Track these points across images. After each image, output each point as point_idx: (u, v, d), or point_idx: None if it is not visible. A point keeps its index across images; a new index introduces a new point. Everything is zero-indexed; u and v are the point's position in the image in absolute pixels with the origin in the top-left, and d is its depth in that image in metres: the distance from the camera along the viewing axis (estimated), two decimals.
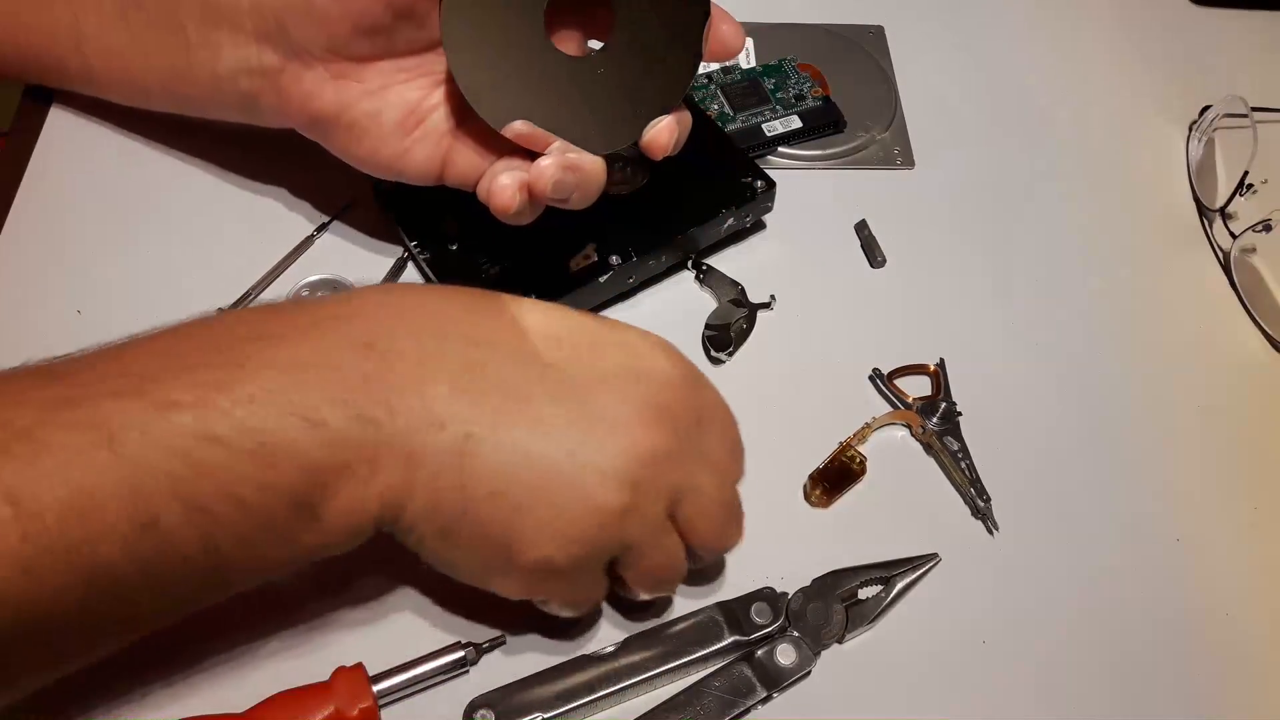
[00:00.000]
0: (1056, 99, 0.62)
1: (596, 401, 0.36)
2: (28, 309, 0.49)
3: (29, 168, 0.53)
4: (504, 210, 0.43)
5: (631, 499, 0.36)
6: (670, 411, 0.37)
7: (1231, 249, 0.55)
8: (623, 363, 0.37)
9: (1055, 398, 0.50)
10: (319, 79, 0.44)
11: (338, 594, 0.41)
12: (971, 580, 0.44)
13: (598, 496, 0.35)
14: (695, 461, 0.38)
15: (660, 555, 0.38)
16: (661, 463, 0.36)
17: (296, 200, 0.53)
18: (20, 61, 0.52)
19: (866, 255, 0.54)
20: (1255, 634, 0.44)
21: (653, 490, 0.36)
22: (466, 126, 0.45)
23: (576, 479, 0.35)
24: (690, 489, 0.38)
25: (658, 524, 0.37)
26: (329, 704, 0.38)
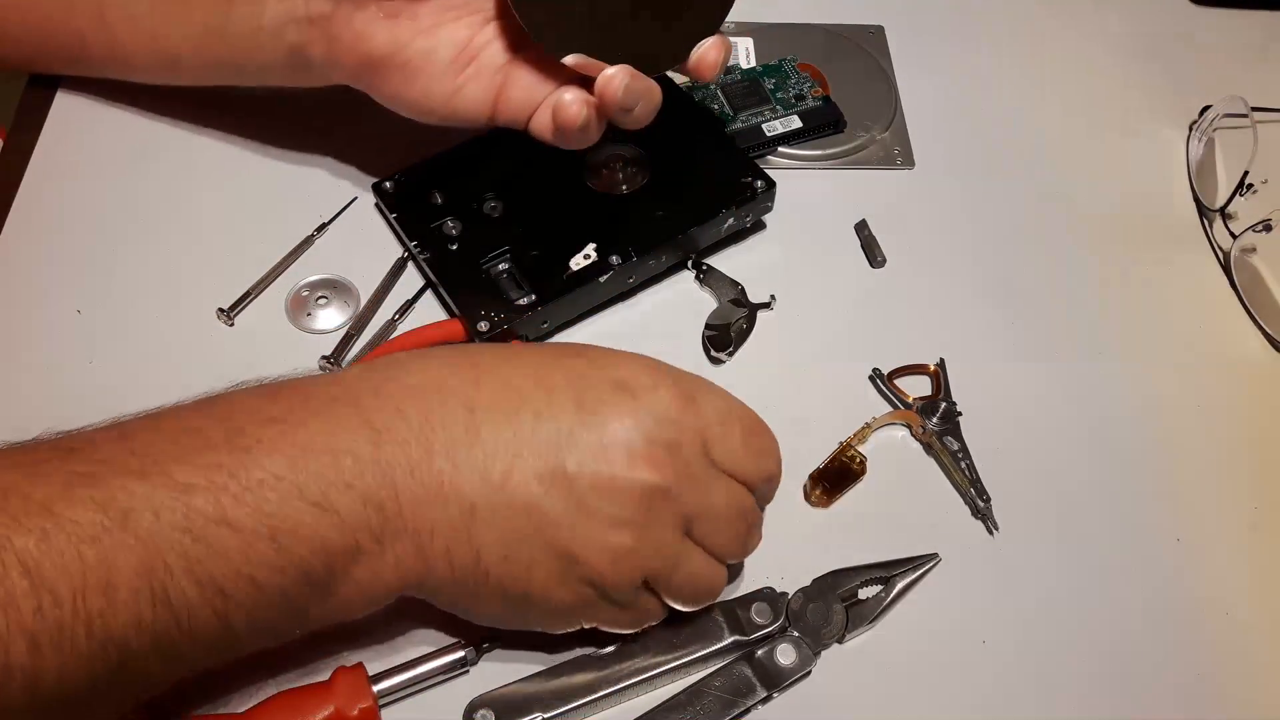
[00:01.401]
0: (1056, 99, 0.62)
1: (594, 444, 0.36)
2: (28, 309, 0.49)
3: (29, 168, 0.53)
4: (570, 123, 0.44)
5: (638, 538, 0.36)
6: (671, 444, 0.37)
7: (1231, 249, 0.55)
8: (616, 404, 0.37)
9: (1055, 398, 0.50)
10: (371, 19, 0.44)
11: None
12: (971, 580, 0.44)
13: (609, 539, 0.36)
14: (706, 483, 0.38)
15: (685, 575, 0.38)
16: (665, 499, 0.37)
17: (296, 200, 0.53)
18: (35, 40, 0.52)
19: (866, 255, 0.54)
20: (1255, 634, 0.44)
21: (659, 525, 0.37)
22: (519, 62, 0.45)
23: (583, 530, 0.36)
24: (702, 512, 0.38)
25: (673, 551, 0.38)
26: (329, 704, 0.38)
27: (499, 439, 0.36)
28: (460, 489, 0.35)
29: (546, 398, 0.37)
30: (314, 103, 0.51)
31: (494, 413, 0.36)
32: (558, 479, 0.36)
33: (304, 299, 0.50)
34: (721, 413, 0.39)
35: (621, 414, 0.37)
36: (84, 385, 0.47)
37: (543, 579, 0.37)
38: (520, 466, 0.36)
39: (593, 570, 0.36)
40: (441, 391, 0.37)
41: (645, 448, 0.36)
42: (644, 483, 0.36)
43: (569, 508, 0.36)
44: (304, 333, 0.49)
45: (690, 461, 0.37)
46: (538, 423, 0.36)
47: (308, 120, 0.54)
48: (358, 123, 0.50)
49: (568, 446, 0.36)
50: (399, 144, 0.51)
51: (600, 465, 0.36)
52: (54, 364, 0.47)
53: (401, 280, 0.51)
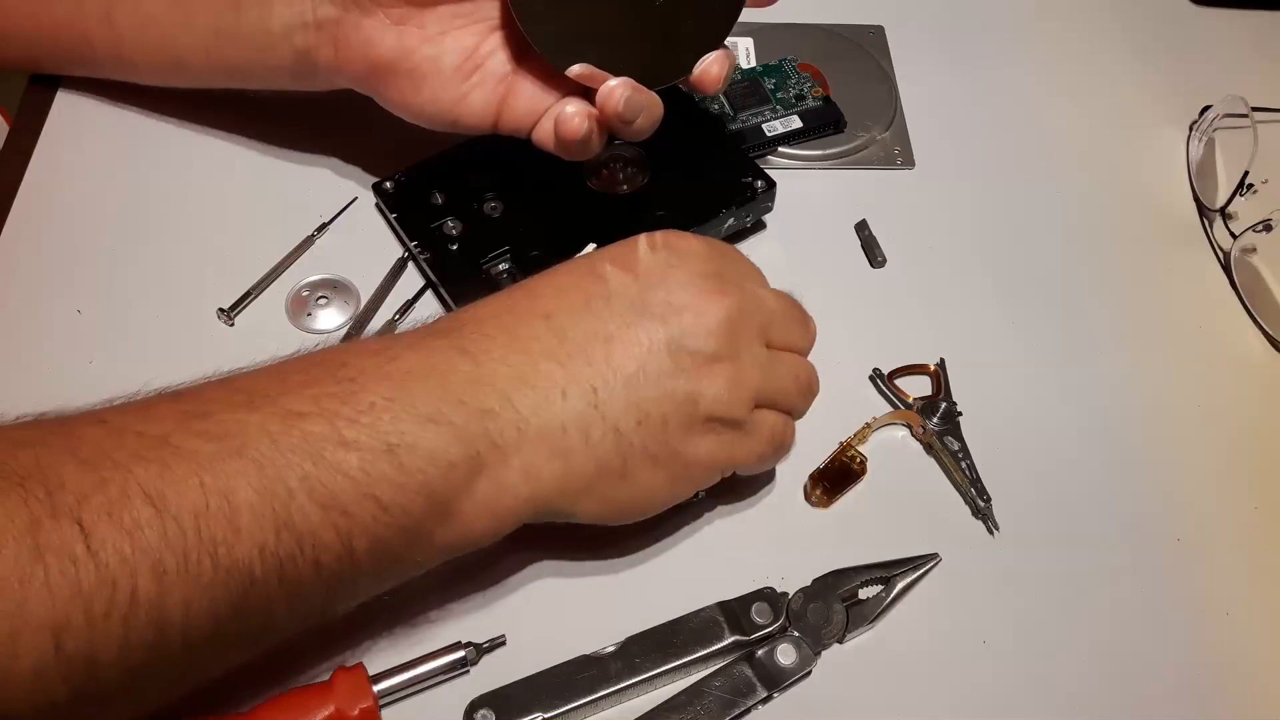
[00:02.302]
0: (1056, 99, 0.62)
1: (662, 301, 0.39)
2: (28, 309, 0.49)
3: (29, 168, 0.53)
4: (572, 135, 0.44)
5: (737, 361, 0.40)
6: (720, 273, 0.40)
7: (1231, 249, 0.55)
8: (664, 263, 0.40)
9: (1055, 398, 0.50)
10: (379, 26, 0.45)
11: None
12: (971, 580, 0.44)
13: (716, 372, 0.39)
14: (758, 293, 0.41)
15: (785, 379, 0.42)
16: (741, 316, 0.40)
17: (297, 200, 0.53)
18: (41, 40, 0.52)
19: (866, 255, 0.54)
20: (1255, 634, 0.44)
21: (747, 341, 0.40)
22: (523, 71, 0.45)
23: (690, 373, 0.39)
24: (768, 318, 0.41)
25: (767, 360, 0.41)
26: (329, 704, 0.38)
27: (582, 328, 0.38)
28: (574, 378, 0.37)
29: (602, 284, 0.39)
30: (315, 103, 0.51)
31: (567, 313, 0.39)
32: (651, 338, 0.38)
33: (304, 299, 0.50)
34: (745, 262, 0.43)
35: (672, 267, 0.40)
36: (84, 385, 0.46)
37: (679, 431, 0.39)
38: (617, 338, 0.38)
39: (716, 403, 0.39)
40: (512, 313, 0.39)
41: (705, 282, 0.40)
42: (720, 309, 0.39)
43: (672, 358, 0.38)
44: (304, 333, 0.49)
45: (736, 282, 0.41)
46: (609, 304, 0.39)
47: (308, 120, 0.54)
48: (358, 123, 0.50)
49: (645, 310, 0.39)
50: (399, 144, 0.50)
51: (682, 313, 0.39)
52: (54, 364, 0.47)
53: (402, 280, 0.51)
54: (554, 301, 0.39)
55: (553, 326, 0.38)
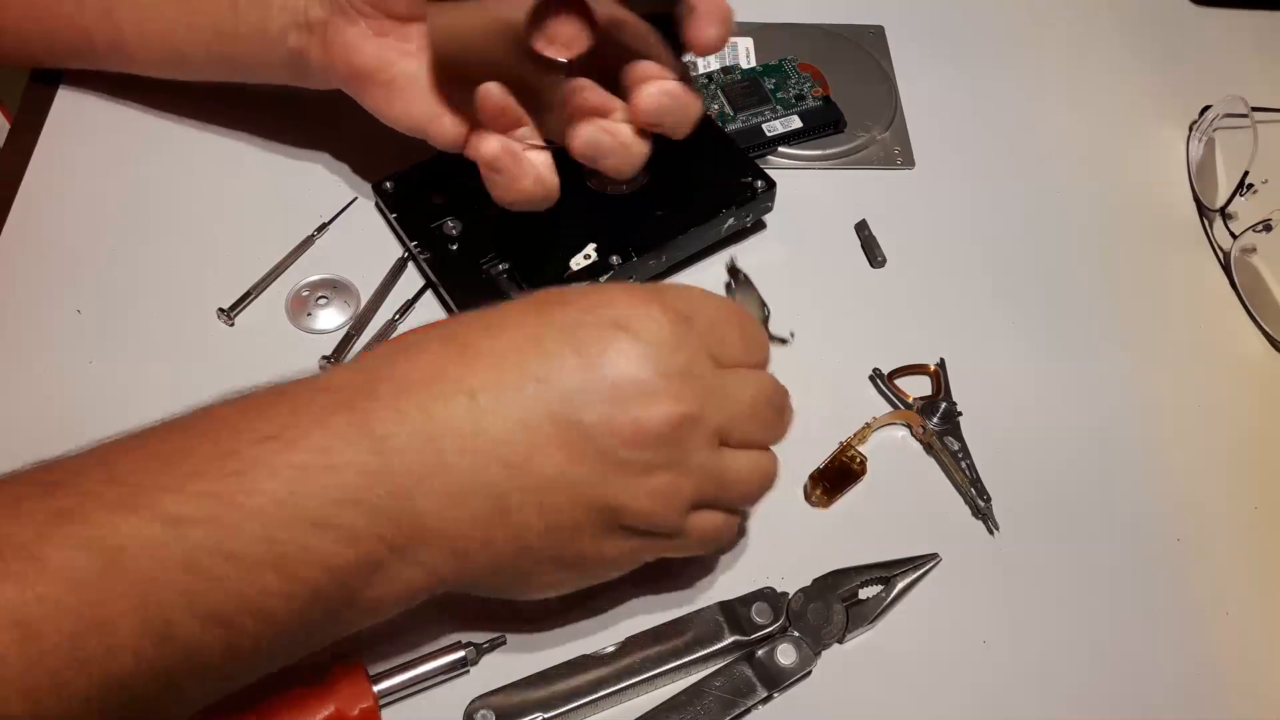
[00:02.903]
0: (1056, 99, 0.62)
1: (602, 394, 0.35)
2: (28, 309, 0.49)
3: (30, 167, 0.53)
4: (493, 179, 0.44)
5: (676, 473, 0.36)
6: (681, 369, 0.36)
7: (1231, 249, 0.55)
8: (616, 345, 0.36)
9: (1055, 397, 0.50)
10: (361, 34, 0.45)
11: None
12: (971, 580, 0.44)
13: (647, 484, 0.36)
14: (723, 390, 0.37)
15: (735, 483, 0.39)
16: (692, 425, 0.36)
17: (296, 200, 0.53)
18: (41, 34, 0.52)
19: (866, 255, 0.54)
20: (1255, 634, 0.44)
21: (693, 451, 0.36)
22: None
23: (618, 482, 0.36)
24: (730, 418, 0.38)
25: (715, 468, 0.37)
26: (329, 704, 0.38)
27: (508, 420, 0.34)
28: (482, 482, 0.34)
29: (544, 361, 0.35)
30: (315, 102, 0.51)
31: (496, 393, 0.35)
32: (579, 441, 0.35)
33: (304, 299, 0.50)
34: (714, 317, 0.39)
35: (624, 354, 0.35)
36: (84, 385, 0.47)
37: (592, 539, 0.36)
38: (538, 441, 0.35)
39: (639, 516, 0.36)
40: (438, 382, 0.35)
41: (657, 381, 0.35)
42: (666, 417, 0.35)
43: (598, 465, 0.35)
44: (304, 333, 0.49)
45: (703, 376, 0.37)
46: (542, 389, 0.35)
47: (308, 120, 0.54)
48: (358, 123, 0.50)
49: (580, 404, 0.35)
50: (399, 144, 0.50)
51: (617, 413, 0.35)
52: (54, 364, 0.47)
53: (402, 280, 0.51)
54: (486, 374, 0.35)
55: (475, 410, 0.34)
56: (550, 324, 0.36)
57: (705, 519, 0.39)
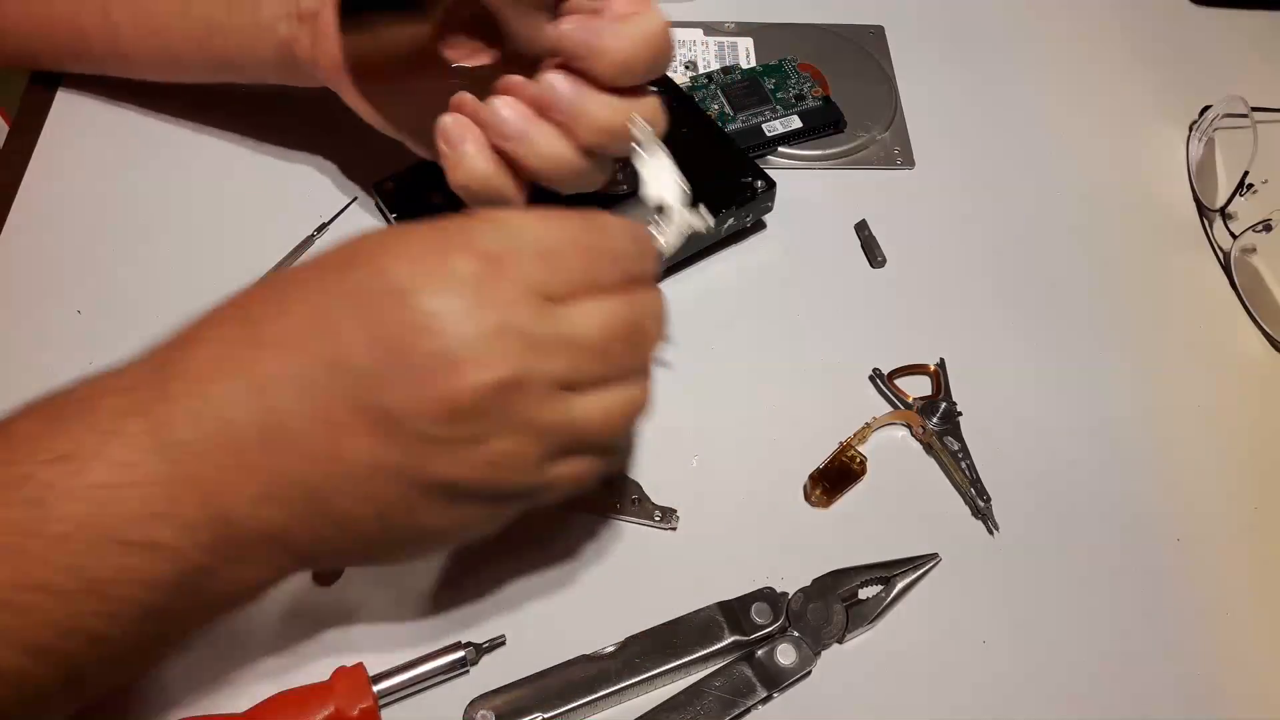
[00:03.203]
0: (1056, 99, 0.62)
1: (406, 379, 0.32)
2: (28, 309, 0.49)
3: (29, 168, 0.53)
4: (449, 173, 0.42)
5: (510, 438, 0.33)
6: (496, 326, 0.32)
7: (1231, 249, 0.55)
8: (411, 315, 0.32)
9: (1055, 397, 0.50)
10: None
11: (338, 594, 0.41)
12: (971, 580, 0.44)
13: (478, 456, 0.33)
14: (557, 333, 0.33)
15: (590, 427, 0.34)
16: (516, 386, 0.32)
17: (297, 200, 0.53)
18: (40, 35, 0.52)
19: (866, 255, 0.54)
20: (1255, 634, 0.44)
21: (527, 410, 0.32)
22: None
23: (445, 459, 0.32)
24: (571, 362, 0.33)
25: (563, 418, 0.33)
26: (329, 704, 0.38)
27: (304, 414, 0.31)
28: (293, 480, 0.32)
29: (333, 342, 0.32)
30: (314, 103, 0.51)
31: (287, 385, 0.31)
32: (387, 425, 0.31)
33: None
34: (542, 244, 0.33)
35: (415, 325, 0.31)
36: None
37: (436, 513, 0.33)
38: (342, 432, 0.31)
39: (480, 486, 0.33)
40: (228, 377, 0.32)
41: (459, 349, 0.31)
42: (475, 389, 0.31)
43: (416, 446, 0.32)
44: None
45: (523, 326, 0.32)
46: (335, 376, 0.31)
47: (308, 120, 0.54)
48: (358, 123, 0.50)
49: (378, 387, 0.31)
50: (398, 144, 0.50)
51: (421, 391, 0.31)
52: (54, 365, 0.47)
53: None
54: (274, 364, 0.32)
55: (268, 407, 0.31)
56: (337, 294, 0.32)
57: (569, 467, 0.35)
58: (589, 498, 0.45)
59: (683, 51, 0.61)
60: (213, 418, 0.31)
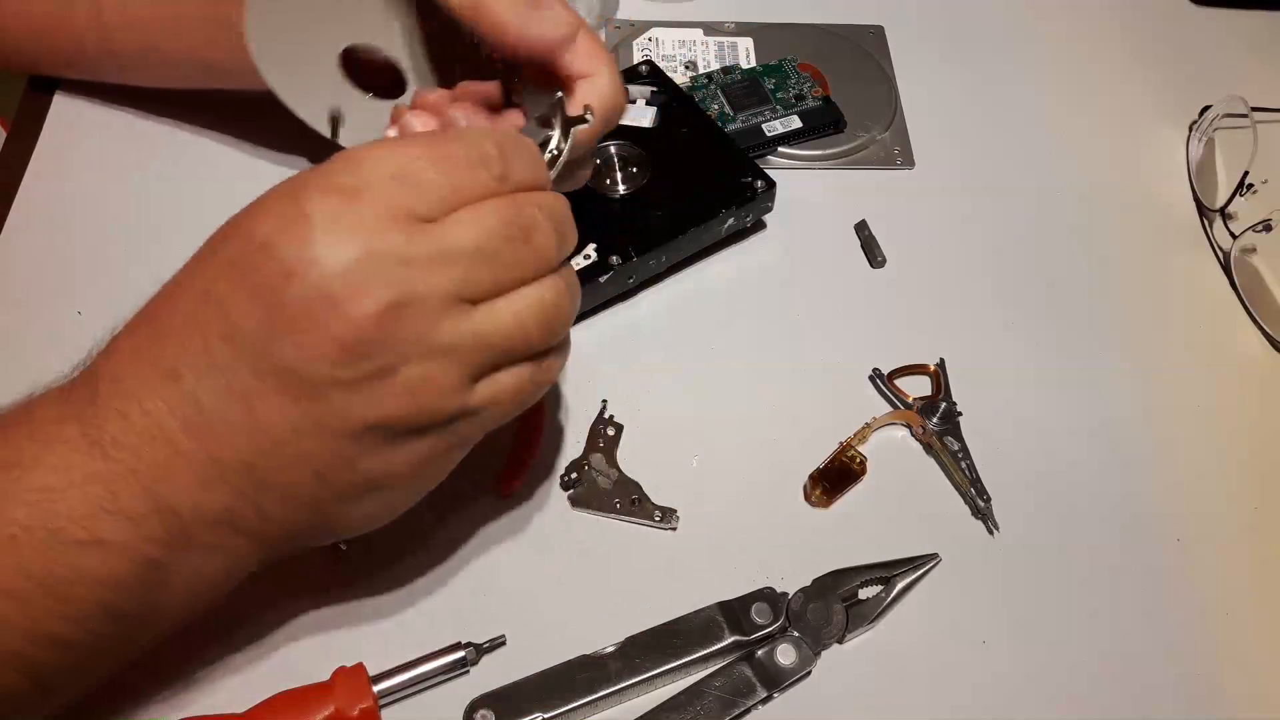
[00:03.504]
0: (1056, 99, 0.62)
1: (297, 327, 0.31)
2: (28, 309, 0.49)
3: (29, 171, 0.53)
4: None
5: (417, 366, 0.32)
6: (366, 252, 0.31)
7: (1231, 249, 0.55)
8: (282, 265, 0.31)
9: (1055, 397, 0.50)
10: None
11: (338, 594, 0.41)
12: (971, 580, 0.44)
13: (390, 391, 0.32)
14: (437, 250, 0.32)
15: (508, 334, 0.34)
16: (402, 309, 0.32)
17: None
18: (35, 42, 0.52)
19: (866, 255, 0.54)
20: (1255, 634, 0.44)
21: (425, 333, 0.32)
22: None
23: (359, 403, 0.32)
24: (463, 278, 0.33)
25: (470, 333, 0.33)
26: (329, 704, 0.38)
27: (217, 391, 0.32)
28: (225, 460, 0.32)
29: (222, 315, 0.32)
30: None
31: (193, 367, 0.32)
32: (293, 382, 0.31)
33: None
34: (398, 168, 0.32)
35: (286, 274, 0.31)
36: None
37: (376, 460, 0.33)
38: (255, 400, 0.32)
39: (407, 419, 0.33)
40: (142, 370, 0.32)
41: (333, 285, 0.31)
42: (360, 321, 0.31)
43: (327, 394, 0.32)
44: None
45: (394, 249, 0.31)
46: (233, 348, 0.32)
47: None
48: None
49: (272, 348, 0.31)
50: None
51: (312, 339, 0.31)
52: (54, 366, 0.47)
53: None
54: (178, 349, 0.32)
55: (183, 392, 0.32)
56: (219, 267, 0.33)
57: (501, 383, 0.34)
58: (589, 498, 0.45)
59: (683, 51, 0.61)
60: (138, 413, 0.32)
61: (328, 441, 0.32)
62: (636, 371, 0.49)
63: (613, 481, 0.45)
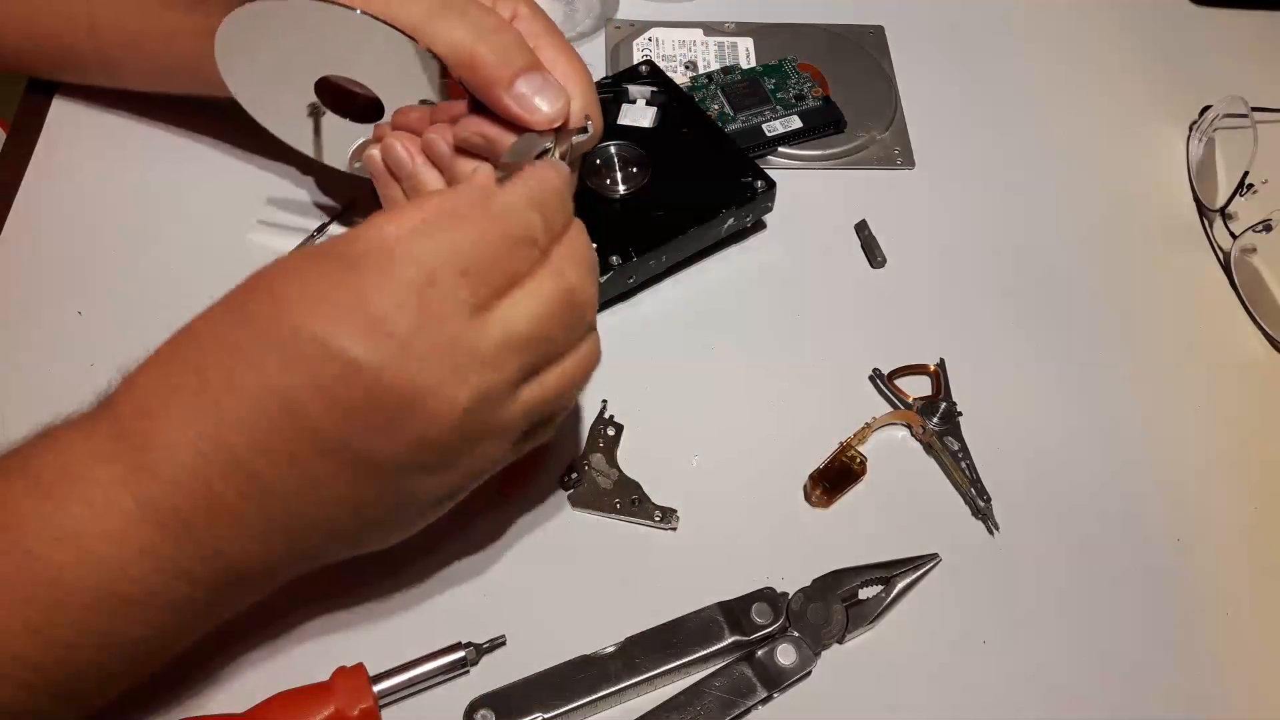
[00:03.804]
0: (1056, 99, 0.62)
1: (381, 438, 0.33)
2: (28, 309, 0.49)
3: (29, 168, 0.53)
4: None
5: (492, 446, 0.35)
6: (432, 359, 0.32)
7: (1231, 249, 0.55)
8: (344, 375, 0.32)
9: (1055, 398, 0.50)
10: None
11: (338, 594, 0.41)
12: (971, 580, 0.44)
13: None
14: (504, 336, 0.34)
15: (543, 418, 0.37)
16: (485, 405, 0.34)
17: (296, 201, 0.53)
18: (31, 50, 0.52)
19: (866, 255, 0.54)
20: (1255, 634, 0.44)
21: (502, 416, 0.34)
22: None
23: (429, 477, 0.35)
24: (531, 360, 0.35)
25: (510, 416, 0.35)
26: (329, 704, 0.38)
27: (279, 461, 0.32)
28: (276, 520, 0.33)
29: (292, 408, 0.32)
30: None
31: (259, 447, 0.32)
32: (364, 466, 0.33)
33: None
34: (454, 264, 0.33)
35: (374, 377, 0.32)
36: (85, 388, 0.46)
37: (421, 515, 0.37)
38: (319, 473, 0.33)
39: (462, 487, 0.36)
40: (199, 446, 0.32)
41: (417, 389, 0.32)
42: (442, 419, 0.33)
43: (395, 477, 0.34)
44: None
45: (468, 345, 0.33)
46: (305, 435, 0.32)
47: None
48: None
49: (348, 439, 0.32)
50: None
51: (391, 437, 0.33)
52: (54, 366, 0.47)
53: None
54: (238, 425, 0.32)
55: (245, 471, 0.32)
56: (287, 362, 0.32)
57: (536, 436, 0.38)
58: (589, 498, 0.45)
59: (683, 51, 0.61)
60: (200, 488, 0.32)
61: (383, 507, 0.35)
62: (636, 371, 0.48)
63: (613, 481, 0.45)
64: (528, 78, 0.40)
